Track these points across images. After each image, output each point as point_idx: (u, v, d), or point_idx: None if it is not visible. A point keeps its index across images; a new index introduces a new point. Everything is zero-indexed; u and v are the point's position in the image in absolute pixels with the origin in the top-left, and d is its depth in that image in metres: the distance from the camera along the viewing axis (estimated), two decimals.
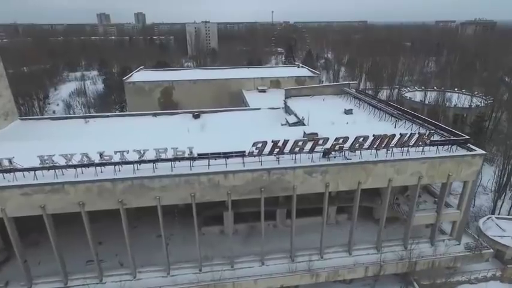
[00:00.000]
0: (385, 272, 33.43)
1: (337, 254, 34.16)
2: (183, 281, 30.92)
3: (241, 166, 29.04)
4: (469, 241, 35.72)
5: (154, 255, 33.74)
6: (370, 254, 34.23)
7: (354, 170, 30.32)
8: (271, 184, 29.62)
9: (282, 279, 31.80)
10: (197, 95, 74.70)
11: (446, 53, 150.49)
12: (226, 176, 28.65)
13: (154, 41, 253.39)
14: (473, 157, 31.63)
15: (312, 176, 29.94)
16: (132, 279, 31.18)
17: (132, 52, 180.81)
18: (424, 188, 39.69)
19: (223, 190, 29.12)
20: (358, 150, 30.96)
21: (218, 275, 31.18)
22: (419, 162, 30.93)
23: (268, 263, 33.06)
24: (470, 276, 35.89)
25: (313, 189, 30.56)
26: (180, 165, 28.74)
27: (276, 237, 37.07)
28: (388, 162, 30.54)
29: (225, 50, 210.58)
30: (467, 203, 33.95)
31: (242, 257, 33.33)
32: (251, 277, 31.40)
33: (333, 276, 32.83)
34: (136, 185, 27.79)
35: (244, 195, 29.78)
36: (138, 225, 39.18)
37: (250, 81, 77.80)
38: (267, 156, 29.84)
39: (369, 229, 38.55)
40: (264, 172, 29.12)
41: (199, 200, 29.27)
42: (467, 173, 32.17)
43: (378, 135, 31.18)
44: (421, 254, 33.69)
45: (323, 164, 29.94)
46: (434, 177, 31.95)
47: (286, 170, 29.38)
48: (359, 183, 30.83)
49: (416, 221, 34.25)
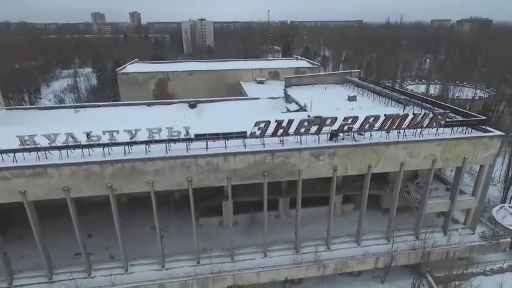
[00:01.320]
0: (396, 263, 31.19)
1: (345, 244, 31.87)
2: (179, 274, 28.44)
3: (243, 148, 26.65)
4: (484, 230, 33.65)
5: (148, 247, 31.18)
6: (380, 244, 31.99)
7: (364, 152, 28.05)
8: (275, 168, 27.26)
9: (286, 271, 29.43)
10: (193, 86, 72.15)
11: (444, 48, 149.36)
12: (226, 159, 26.23)
13: (150, 39, 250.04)
14: (491, 139, 29.54)
15: (319, 159, 27.62)
16: (123, 272, 28.62)
17: (126, 49, 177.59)
18: (435, 176, 37.53)
19: (222, 174, 26.69)
20: (368, 131, 28.73)
21: (217, 267, 28.73)
22: (434, 144, 28.75)
23: (272, 255, 30.68)
24: (486, 268, 33.80)
25: (320, 173, 28.24)
26: (175, 147, 26.28)
27: (279, 228, 34.80)
28: (400, 144, 28.32)
29: (222, 48, 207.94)
30: (483, 189, 31.85)
31: (243, 249, 30.92)
32: (253, 269, 28.99)
33: (341, 267, 30.52)
34: (127, 168, 25.26)
35: (245, 179, 27.37)
36: (132, 216, 36.77)
37: (248, 72, 75.44)
38: (270, 138, 27.57)
39: (376, 219, 36.42)
40: (267, 154, 26.74)
41: (196, 186, 26.80)
42: (484, 156, 30.07)
43: (390, 114, 29.00)
44: (435, 243, 31.48)
45: (331, 146, 27.63)
46: (449, 161, 29.80)
47: (292, 152, 27.04)
48: (369, 167, 28.58)
49: (429, 209, 32.10)
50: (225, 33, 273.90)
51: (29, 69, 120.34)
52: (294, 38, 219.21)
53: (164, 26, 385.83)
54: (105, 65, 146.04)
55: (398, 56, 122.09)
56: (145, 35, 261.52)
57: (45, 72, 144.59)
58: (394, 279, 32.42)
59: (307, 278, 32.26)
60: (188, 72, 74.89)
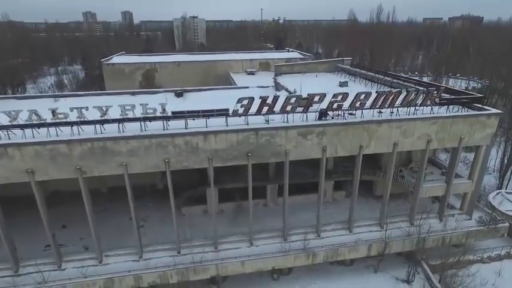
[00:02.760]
0: (390, 251, 29.46)
1: (336, 232, 30.06)
2: (158, 265, 26.32)
3: (224, 126, 24.68)
4: (481, 215, 32.12)
5: (127, 238, 29.03)
6: (373, 231, 30.23)
7: (355, 131, 26.28)
8: (259, 148, 25.34)
9: (273, 260, 27.49)
10: (181, 78, 69.77)
11: (436, 44, 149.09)
12: (206, 138, 24.23)
13: (141, 37, 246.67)
14: (488, 117, 27.99)
15: (307, 138, 25.77)
16: (97, 264, 26.40)
17: (116, 46, 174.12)
18: (429, 161, 35.96)
19: (203, 155, 24.68)
20: (360, 109, 27.00)
21: (199, 257, 26.67)
22: (429, 122, 27.09)
23: (258, 243, 28.74)
24: (483, 255, 32.26)
25: (308, 154, 26.39)
26: (152, 127, 24.24)
27: (267, 217, 32.91)
28: (393, 123, 26.60)
29: (214, 45, 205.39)
30: (480, 171, 30.30)
31: (228, 238, 28.92)
32: (237, 258, 26.99)
33: (332, 255, 28.68)
34: (98, 149, 23.10)
35: (228, 161, 25.40)
36: (111, 207, 34.71)
37: (238, 63, 73.38)
38: (255, 117, 25.70)
39: (369, 206, 34.75)
40: (251, 133, 24.81)
41: (174, 167, 24.76)
42: (481, 136, 28.52)
43: (382, 91, 27.37)
44: (430, 229, 29.83)
45: (320, 124, 25.81)
46: (444, 141, 28.16)
47: (277, 130, 25.14)
48: (360, 147, 26.80)
49: (424, 193, 30.45)
50: (217, 31, 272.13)
51: (14, 66, 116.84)
52: (286, 35, 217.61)
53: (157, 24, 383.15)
54: (95, 62, 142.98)
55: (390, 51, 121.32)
56: (136, 33, 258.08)
57: (33, 69, 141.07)
58: (388, 268, 30.71)
59: (296, 268, 30.42)
60: (176, 63, 72.55)
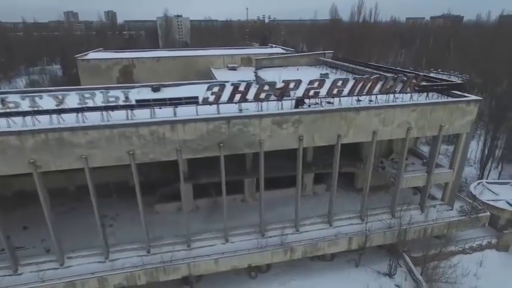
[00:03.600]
0: (371, 243, 28.45)
1: (315, 225, 28.86)
2: (125, 265, 24.49)
3: (193, 115, 23.14)
4: (463, 205, 31.54)
5: (94, 239, 27.06)
6: (354, 224, 29.18)
7: (332, 119, 25.11)
8: (232, 138, 23.86)
9: (249, 257, 26.04)
10: (161, 73, 67.49)
11: (419, 41, 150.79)
12: (174, 127, 22.60)
13: (124, 36, 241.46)
14: (467, 104, 27.33)
15: (282, 127, 24.44)
16: (58, 267, 24.36)
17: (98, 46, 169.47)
18: (410, 151, 35.29)
19: (170, 146, 23.03)
20: (337, 96, 25.89)
21: (169, 256, 24.98)
22: (408, 110, 26.20)
23: (234, 240, 27.23)
24: (465, 246, 31.68)
25: (284, 144, 25.06)
26: (117, 117, 22.49)
27: (245, 213, 31.47)
28: (372, 110, 25.58)
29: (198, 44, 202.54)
30: (461, 160, 29.67)
31: (201, 235, 27.31)
32: (211, 256, 25.41)
33: (311, 250, 27.44)
34: (53, 140, 21.15)
35: (198, 152, 23.82)
36: (79, 206, 32.56)
37: (220, 58, 71.67)
38: (228, 106, 24.23)
39: (350, 199, 33.70)
40: (222, 122, 23.31)
41: (140, 160, 23.02)
42: (461, 124, 27.84)
43: (359, 77, 26.39)
44: (412, 221, 29.00)
45: (295, 112, 24.54)
46: (424, 129, 27.33)
47: (250, 119, 23.73)
48: (339, 137, 25.65)
49: (405, 184, 29.61)
50: (202, 30, 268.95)
51: None
52: (271, 33, 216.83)
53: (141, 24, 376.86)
54: (73, 60, 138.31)
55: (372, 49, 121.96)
56: (119, 32, 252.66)
57: (9, 69, 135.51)
58: (370, 262, 29.70)
59: (275, 265, 29.10)
60: (155, 58, 70.29)
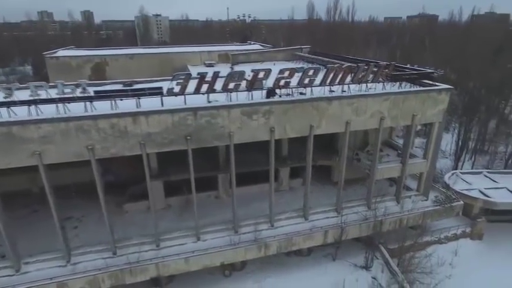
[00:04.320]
0: (347, 236, 27.97)
1: (291, 220, 28.11)
2: (87, 268, 22.93)
3: (156, 106, 21.91)
4: (437, 195, 31.63)
5: (56, 242, 25.35)
6: (330, 217, 28.63)
7: (304, 109, 24.42)
8: (199, 130, 22.73)
9: (221, 254, 24.97)
10: (135, 71, 65.02)
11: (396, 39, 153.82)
12: (136, 120, 21.26)
13: (101, 36, 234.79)
14: (439, 93, 27.31)
15: (253, 118, 23.53)
16: (13, 273, 22.54)
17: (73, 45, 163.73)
18: (386, 143, 35.22)
19: (133, 140, 21.67)
20: (309, 86, 25.28)
21: (136, 257, 23.60)
22: (381, 99, 25.87)
23: (206, 238, 26.10)
24: (440, 236, 31.77)
25: (255, 136, 24.15)
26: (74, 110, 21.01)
27: (219, 210, 30.34)
28: (344, 100, 25.07)
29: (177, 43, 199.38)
30: (435, 150, 29.67)
31: (172, 233, 26.05)
32: (180, 255, 24.19)
33: (286, 245, 26.66)
34: (2, 136, 19.43)
35: (164, 146, 22.57)
36: (41, 208, 30.55)
37: (196, 55, 70.00)
38: (194, 97, 23.22)
39: (327, 193, 33.13)
40: (188, 113, 22.15)
41: (100, 155, 21.54)
42: (434, 113, 27.81)
43: (331, 66, 25.90)
44: (387, 212, 28.76)
45: (265, 102, 23.71)
46: (397, 118, 27.11)
47: (218, 110, 22.68)
48: (311, 127, 24.99)
49: (380, 175, 29.33)
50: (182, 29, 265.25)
51: None
52: (252, 32, 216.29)
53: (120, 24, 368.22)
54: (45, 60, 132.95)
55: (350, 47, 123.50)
56: (95, 32, 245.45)
57: None
58: (347, 255, 29.22)
59: (250, 262, 28.17)
60: (129, 56, 67.88)
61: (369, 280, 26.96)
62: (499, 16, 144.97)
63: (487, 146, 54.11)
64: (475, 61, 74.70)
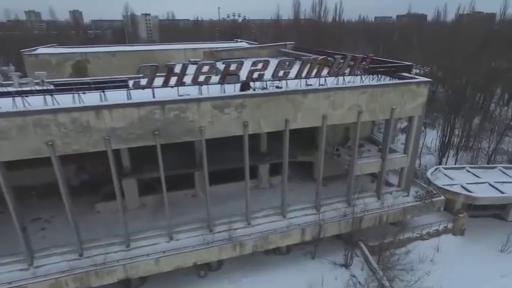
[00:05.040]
0: (325, 234, 27.24)
1: (268, 218, 27.29)
2: (50, 271, 21.75)
3: (120, 99, 20.85)
4: (418, 190, 31.15)
5: (21, 245, 24.09)
6: (309, 214, 27.90)
7: (278, 103, 23.62)
8: (168, 125, 21.75)
9: (194, 254, 24.01)
10: (118, 69, 63.06)
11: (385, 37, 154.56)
12: (99, 114, 20.18)
13: (89, 35, 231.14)
14: (418, 86, 26.78)
15: (224, 112, 22.64)
16: None
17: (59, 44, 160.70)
18: (367, 138, 34.65)
19: (97, 135, 20.58)
20: (284, 79, 24.50)
21: (103, 258, 22.50)
22: (358, 92, 25.21)
23: (179, 237, 25.12)
24: (422, 232, 31.28)
25: (227, 131, 23.27)
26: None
27: (196, 208, 29.26)
28: (320, 93, 24.33)
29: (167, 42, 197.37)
30: (415, 144, 29.18)
31: (143, 233, 24.98)
32: (150, 256, 23.16)
33: (262, 244, 25.82)
34: None
35: (130, 142, 21.52)
36: (5, 210, 29.22)
37: (181, 52, 68.50)
38: (163, 90, 22.27)
39: (307, 190, 32.27)
40: (155, 107, 21.16)
41: (62, 152, 20.40)
42: (413, 106, 27.28)
43: (307, 58, 25.19)
44: (367, 208, 28.14)
45: (237, 95, 22.85)
46: (376, 112, 26.49)
47: (188, 104, 21.74)
48: (286, 121, 24.21)
49: (360, 170, 28.68)
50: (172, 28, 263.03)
51: None
52: (242, 31, 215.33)
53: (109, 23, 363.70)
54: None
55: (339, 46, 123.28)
56: (83, 31, 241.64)
57: None
58: (327, 253, 28.53)
59: (227, 261, 27.29)
60: (111, 53, 66.27)
61: (348, 278, 26.28)
62: (486, 15, 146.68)
63: (472, 142, 54.13)
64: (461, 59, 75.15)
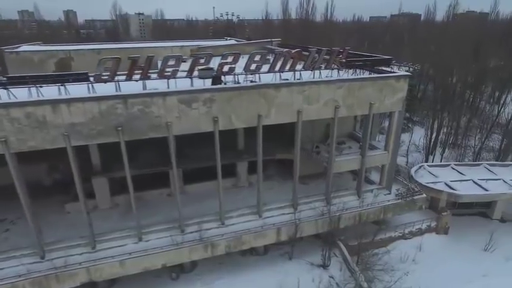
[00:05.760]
0: (302, 234, 26.34)
1: (243, 217, 26.32)
2: (8, 275, 20.60)
3: (79, 93, 19.83)
4: (399, 188, 30.35)
5: None
6: (286, 214, 26.99)
7: (250, 97, 22.67)
8: (132, 120, 20.69)
9: (163, 255, 22.97)
10: None
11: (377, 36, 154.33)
12: (57, 108, 19.07)
13: (81, 35, 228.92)
14: (397, 80, 25.94)
15: (192, 107, 21.64)
16: None
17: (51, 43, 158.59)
18: (349, 135, 33.81)
19: (55, 131, 19.47)
20: (256, 72, 23.60)
21: (64, 260, 21.41)
22: (334, 86, 24.31)
23: (149, 238, 24.08)
24: (404, 231, 30.47)
25: (196, 126, 22.27)
26: None
27: (170, 208, 28.12)
28: (294, 87, 23.41)
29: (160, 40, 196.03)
30: (395, 140, 28.34)
31: (110, 234, 23.90)
32: (115, 258, 22.09)
33: (236, 245, 24.83)
34: None
35: (92, 138, 20.45)
36: None
37: (167, 50, 67.15)
38: (127, 84, 21.32)
39: (288, 189, 31.21)
40: (117, 101, 20.10)
41: (17, 149, 19.27)
42: (392, 101, 26.44)
43: (280, 51, 24.31)
44: (345, 207, 27.28)
45: (206, 89, 21.88)
46: (354, 108, 25.61)
47: (152, 98, 20.72)
48: (259, 117, 23.25)
49: (338, 168, 27.83)
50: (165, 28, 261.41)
51: None
52: (236, 31, 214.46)
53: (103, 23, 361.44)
54: None
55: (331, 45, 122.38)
56: (75, 31, 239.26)
57: None
58: (305, 254, 27.61)
59: (201, 263, 26.29)
60: (96, 50, 64.86)
61: (326, 279, 25.38)
62: (479, 15, 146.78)
63: (460, 140, 53.55)
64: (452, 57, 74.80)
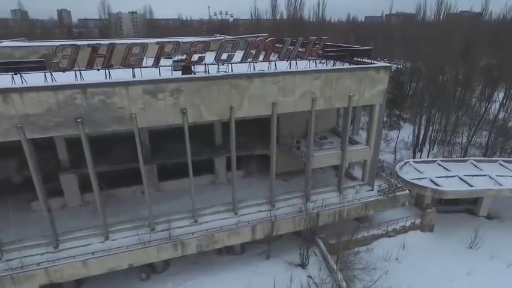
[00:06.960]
0: (278, 231, 25.24)
1: (217, 215, 25.16)
2: None
3: (33, 82, 18.62)
4: (381, 184, 29.37)
5: None
6: (263, 211, 25.87)
7: (220, 88, 21.55)
8: (92, 112, 19.49)
9: (129, 255, 21.74)
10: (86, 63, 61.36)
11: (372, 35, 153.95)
12: (8, 98, 17.83)
13: (73, 33, 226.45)
14: (377, 71, 24.93)
15: (158, 97, 20.49)
16: None
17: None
18: (332, 131, 32.82)
19: (7, 123, 18.22)
20: (227, 62, 22.48)
21: (21, 261, 20.14)
22: (311, 77, 23.24)
23: (116, 237, 22.86)
24: (388, 228, 29.48)
25: (163, 118, 21.11)
26: None
27: (143, 206, 27.01)
28: (267, 77, 22.31)
29: None
30: (377, 134, 27.34)
31: (74, 233, 22.65)
32: (76, 258, 20.85)
33: (208, 243, 23.66)
34: None
35: (50, 130, 19.20)
36: None
37: (152, 45, 66.47)
38: (88, 73, 20.15)
39: (267, 185, 30.20)
40: (75, 91, 18.90)
41: None
42: (373, 94, 25.44)
43: (253, 40, 23.26)
44: (327, 203, 26.24)
45: (172, 79, 20.77)
46: (332, 100, 24.55)
47: (114, 87, 19.55)
48: (231, 109, 22.14)
49: (318, 163, 26.78)
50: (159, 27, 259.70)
51: None
52: (230, 30, 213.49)
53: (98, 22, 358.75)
54: None
55: None
56: (67, 30, 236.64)
57: None
58: (283, 252, 26.52)
59: (174, 262, 25.19)
60: (79, 46, 63.66)
61: (304, 279, 24.31)
62: (472, 15, 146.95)
63: (449, 136, 52.82)
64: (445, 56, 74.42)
